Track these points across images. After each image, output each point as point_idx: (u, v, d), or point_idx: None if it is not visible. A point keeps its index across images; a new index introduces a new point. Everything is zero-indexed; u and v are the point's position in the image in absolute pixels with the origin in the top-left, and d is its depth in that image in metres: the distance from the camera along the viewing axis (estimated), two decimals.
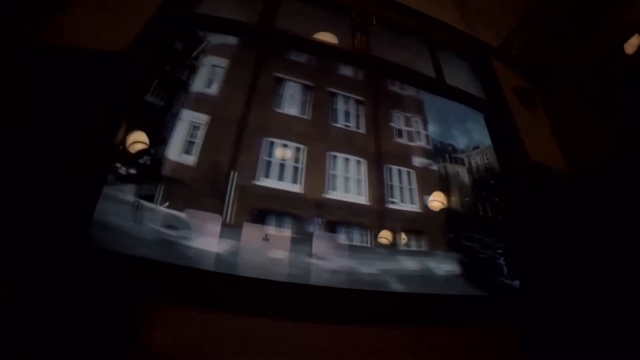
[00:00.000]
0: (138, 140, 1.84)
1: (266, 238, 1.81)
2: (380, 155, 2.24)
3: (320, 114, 2.25)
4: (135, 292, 1.43)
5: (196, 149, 1.98)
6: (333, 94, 2.32)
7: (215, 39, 2.28)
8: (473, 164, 2.52)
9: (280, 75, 2.25)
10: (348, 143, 2.20)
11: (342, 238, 1.99)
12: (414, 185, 2.23)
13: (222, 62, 2.22)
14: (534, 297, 1.98)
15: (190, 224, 1.75)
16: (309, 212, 1.94)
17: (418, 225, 2.17)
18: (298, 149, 2.08)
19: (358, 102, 2.37)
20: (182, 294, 1.52)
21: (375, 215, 2.13)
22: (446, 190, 2.28)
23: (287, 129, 2.12)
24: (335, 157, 2.14)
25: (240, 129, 2.04)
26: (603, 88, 2.64)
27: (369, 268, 1.92)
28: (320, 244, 1.88)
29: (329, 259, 1.87)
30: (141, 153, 1.87)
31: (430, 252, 2.07)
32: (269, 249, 1.80)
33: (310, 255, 1.85)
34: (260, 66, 2.23)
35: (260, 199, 1.90)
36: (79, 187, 1.48)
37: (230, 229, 1.79)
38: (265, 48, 2.27)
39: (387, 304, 1.80)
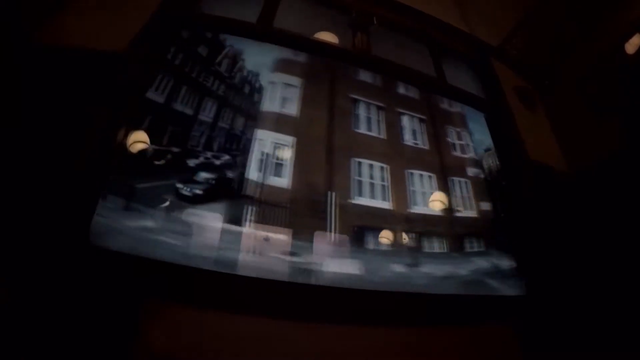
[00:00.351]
0: (139, 140, 1.83)
1: (267, 239, 1.81)
2: (444, 169, 2.35)
3: (393, 133, 2.35)
4: (135, 292, 1.43)
5: (286, 170, 2.00)
6: (400, 114, 2.43)
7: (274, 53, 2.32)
8: (485, 166, 2.62)
9: (355, 96, 2.32)
10: (419, 160, 2.31)
11: (429, 247, 2.14)
12: (471, 194, 2.35)
13: (294, 80, 2.27)
14: (534, 297, 1.98)
15: (307, 248, 1.80)
16: (400, 226, 2.05)
17: (477, 229, 2.31)
18: (382, 168, 2.16)
19: (421, 120, 2.48)
20: (182, 294, 1.52)
21: (448, 224, 2.24)
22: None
23: (370, 149, 2.19)
24: (412, 174, 2.25)
25: (329, 150, 2.09)
26: (603, 88, 2.64)
27: (463, 270, 2.02)
28: (417, 255, 2.03)
29: (437, 267, 2.01)
30: (142, 152, 1.86)
31: (488, 252, 2.18)
32: (390, 264, 1.90)
33: (415, 265, 1.97)
34: (334, 86, 2.30)
35: (359, 216, 1.97)
36: (79, 188, 1.48)
37: (338, 247, 1.88)
38: (335, 67, 2.36)
39: (387, 304, 1.80)
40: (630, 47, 2.55)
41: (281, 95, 2.22)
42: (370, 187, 2.07)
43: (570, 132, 2.75)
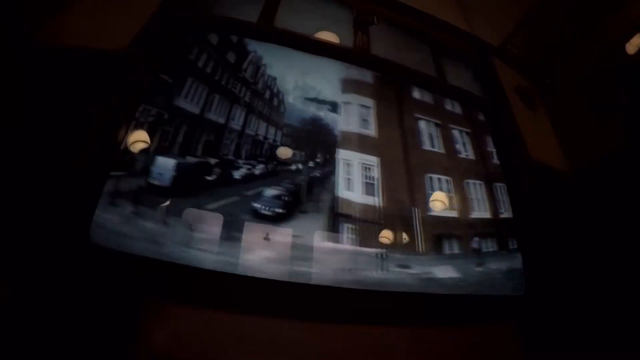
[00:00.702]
0: (139, 139, 1.83)
1: (267, 237, 1.82)
2: (489, 176, 2.52)
3: (449, 148, 2.55)
4: (135, 292, 1.43)
5: (375, 189, 2.16)
6: (451, 129, 2.62)
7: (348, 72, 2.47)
8: None
9: (418, 115, 2.52)
10: (471, 170, 2.50)
11: (486, 247, 2.32)
12: (507, 197, 2.53)
13: (367, 101, 2.45)
14: (535, 297, 1.98)
15: (413, 259, 2.00)
16: (465, 231, 2.24)
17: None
18: (447, 181, 2.36)
19: (467, 133, 2.67)
20: (182, 294, 1.52)
21: (495, 225, 2.43)
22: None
23: (436, 164, 2.39)
24: (468, 183, 2.43)
25: (407, 168, 2.29)
26: (603, 88, 2.64)
27: (517, 264, 2.18)
28: (481, 254, 2.25)
29: (500, 263, 2.20)
30: (143, 152, 1.86)
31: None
32: (471, 265, 2.11)
33: (484, 264, 2.18)
34: (401, 106, 2.50)
35: (436, 226, 2.16)
36: (79, 187, 1.48)
37: (424, 256, 2.08)
38: (399, 87, 2.56)
39: (388, 304, 1.80)
40: (631, 47, 2.55)
41: (358, 115, 2.39)
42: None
43: (571, 132, 2.76)
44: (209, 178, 1.99)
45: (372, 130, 2.36)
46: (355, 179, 2.15)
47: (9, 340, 1.23)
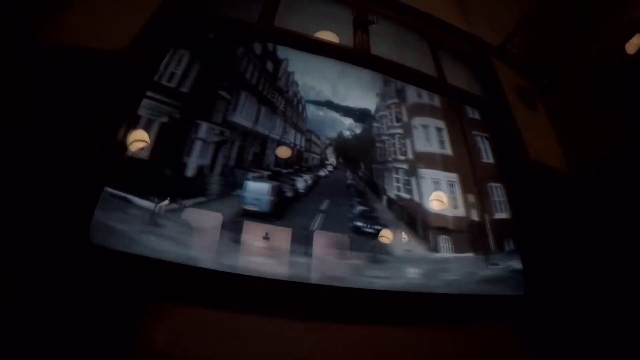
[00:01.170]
0: (139, 138, 1.83)
1: (266, 237, 1.82)
2: None
3: (496, 158, 2.80)
4: (135, 292, 1.43)
5: (458, 203, 2.45)
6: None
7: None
8: None
9: (475, 132, 2.77)
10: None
11: None
12: None
13: (440, 124, 2.71)
14: (535, 296, 1.98)
15: (494, 258, 2.26)
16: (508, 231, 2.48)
17: None
18: (500, 188, 2.59)
19: None
20: (182, 293, 1.52)
21: None
22: None
23: (491, 174, 2.62)
24: None
25: (476, 181, 2.57)
26: (603, 88, 2.64)
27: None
28: None
29: None
30: (142, 151, 1.85)
31: None
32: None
33: None
34: (463, 126, 2.76)
35: (500, 229, 2.40)
36: (79, 187, 1.48)
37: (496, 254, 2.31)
38: (459, 108, 2.79)
39: (388, 304, 1.80)
40: (630, 47, 2.55)
41: (436, 137, 2.67)
42: (499, 204, 2.51)
43: (571, 132, 2.76)
44: (287, 195, 2.06)
45: (448, 150, 2.63)
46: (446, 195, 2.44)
47: (9, 340, 1.23)
